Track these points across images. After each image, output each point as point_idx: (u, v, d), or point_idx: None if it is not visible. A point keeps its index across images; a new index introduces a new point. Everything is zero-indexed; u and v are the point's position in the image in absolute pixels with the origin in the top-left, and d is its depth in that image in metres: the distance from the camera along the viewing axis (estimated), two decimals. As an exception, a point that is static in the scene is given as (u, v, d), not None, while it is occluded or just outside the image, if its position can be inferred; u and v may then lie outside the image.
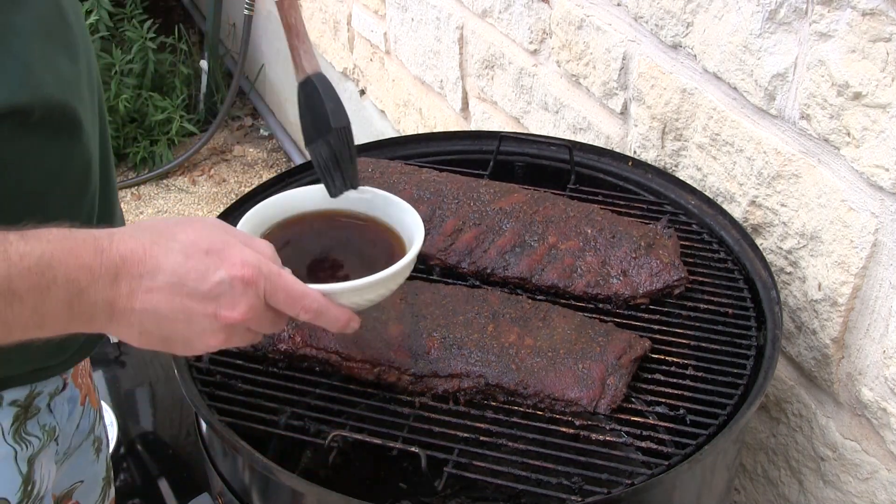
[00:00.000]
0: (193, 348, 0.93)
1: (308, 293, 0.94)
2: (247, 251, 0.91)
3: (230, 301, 0.89)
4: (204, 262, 0.89)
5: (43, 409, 1.17)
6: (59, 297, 0.83)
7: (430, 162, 1.70)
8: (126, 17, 4.03)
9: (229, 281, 0.89)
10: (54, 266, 0.83)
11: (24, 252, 0.82)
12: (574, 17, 1.85)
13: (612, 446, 1.19)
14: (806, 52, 1.34)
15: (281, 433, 1.22)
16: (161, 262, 0.88)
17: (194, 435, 2.09)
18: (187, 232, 0.91)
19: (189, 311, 0.89)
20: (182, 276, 0.88)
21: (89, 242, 0.86)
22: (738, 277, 1.43)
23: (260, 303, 0.91)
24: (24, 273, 0.81)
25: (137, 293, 0.87)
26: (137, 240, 0.88)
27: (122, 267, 0.86)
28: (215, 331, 0.91)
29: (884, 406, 1.35)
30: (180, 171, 3.99)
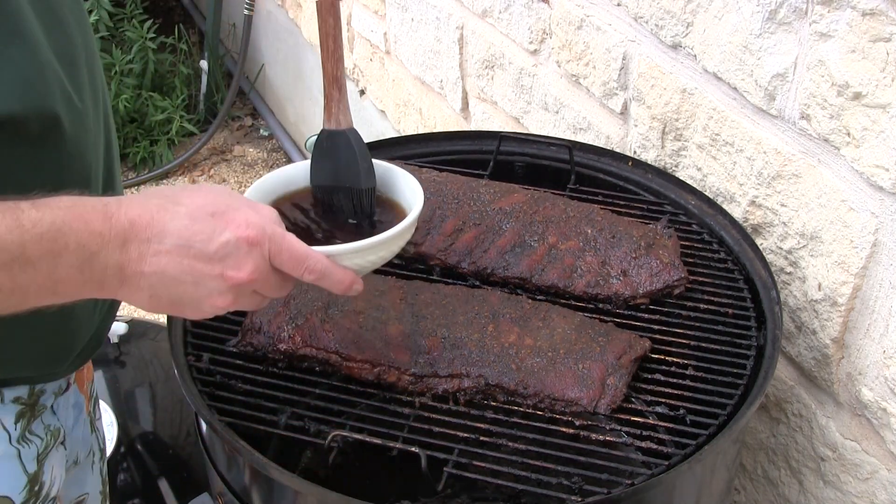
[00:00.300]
0: (202, 310, 0.95)
1: (311, 254, 0.97)
2: (251, 213, 0.94)
3: (236, 261, 0.92)
4: (210, 225, 0.91)
5: (48, 410, 1.17)
6: (71, 262, 0.85)
7: (430, 162, 1.70)
8: (126, 17, 4.03)
9: (235, 242, 0.91)
10: (66, 232, 0.85)
11: (36, 219, 0.84)
12: (574, 17, 1.85)
13: (612, 446, 1.19)
14: (806, 52, 1.34)
15: (281, 433, 1.22)
16: (168, 225, 0.90)
17: (194, 435, 2.09)
18: (193, 197, 0.93)
19: (196, 273, 0.91)
20: (188, 238, 0.90)
21: (98, 209, 0.88)
22: (738, 277, 1.43)
23: (265, 264, 0.94)
24: (37, 239, 0.83)
25: (146, 256, 0.89)
26: (144, 205, 0.90)
27: (130, 231, 0.88)
28: (223, 292, 0.93)
29: (884, 406, 1.35)
30: (180, 171, 3.99)
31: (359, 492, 1.09)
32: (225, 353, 1.32)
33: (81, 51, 1.08)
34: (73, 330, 1.16)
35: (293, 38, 3.70)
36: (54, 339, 1.14)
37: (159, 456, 2.11)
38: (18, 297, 0.86)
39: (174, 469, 2.09)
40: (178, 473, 2.08)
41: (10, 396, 1.12)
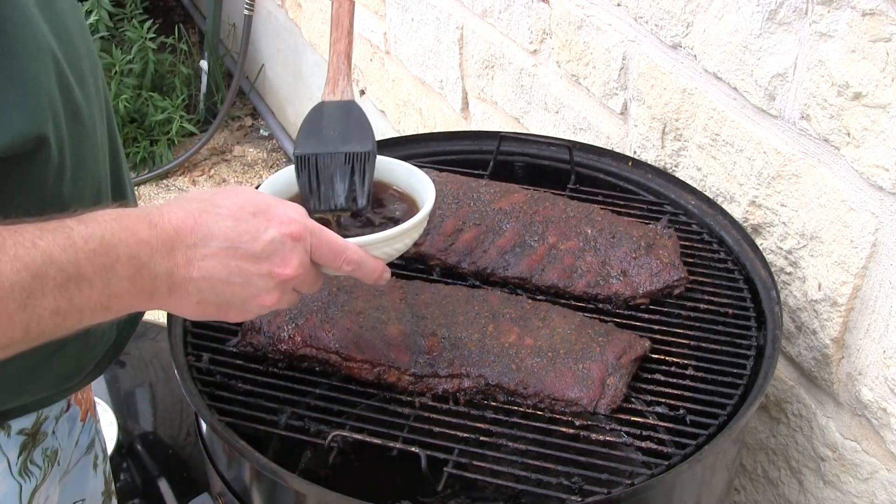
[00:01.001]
0: (248, 311, 0.96)
1: (349, 246, 0.99)
2: (289, 209, 0.96)
3: (282, 258, 0.93)
4: (253, 224, 0.92)
5: (49, 435, 1.17)
6: (123, 274, 0.85)
7: (430, 162, 1.70)
8: (126, 17, 4.03)
9: (280, 238, 0.93)
10: (116, 244, 0.85)
11: (87, 235, 0.83)
12: (574, 17, 1.85)
13: (612, 446, 1.19)
14: (806, 52, 1.34)
15: (281, 433, 1.22)
16: (212, 228, 0.91)
17: (194, 435, 2.09)
18: (231, 198, 0.94)
19: (245, 273, 0.92)
20: (234, 239, 0.91)
21: (142, 218, 0.88)
22: (738, 277, 1.43)
23: (307, 258, 0.96)
24: (91, 255, 0.83)
25: (194, 261, 0.90)
26: (186, 210, 0.91)
27: (175, 238, 0.89)
28: (270, 289, 0.94)
29: (884, 406, 1.35)
30: (180, 171, 3.99)
31: (359, 492, 1.09)
32: (225, 353, 1.32)
33: (87, 61, 1.08)
34: (92, 344, 1.16)
35: (293, 38, 3.70)
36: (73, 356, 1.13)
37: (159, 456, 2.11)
38: (75, 317, 0.85)
39: (174, 469, 2.08)
40: (178, 473, 2.07)
41: (16, 428, 1.12)
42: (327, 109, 1.20)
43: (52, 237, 0.82)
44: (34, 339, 0.83)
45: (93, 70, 1.11)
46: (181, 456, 2.13)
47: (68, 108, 1.01)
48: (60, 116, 0.99)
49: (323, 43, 3.33)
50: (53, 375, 1.12)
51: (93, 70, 1.11)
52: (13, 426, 1.11)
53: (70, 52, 1.03)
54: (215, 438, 1.26)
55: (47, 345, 1.03)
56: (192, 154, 3.96)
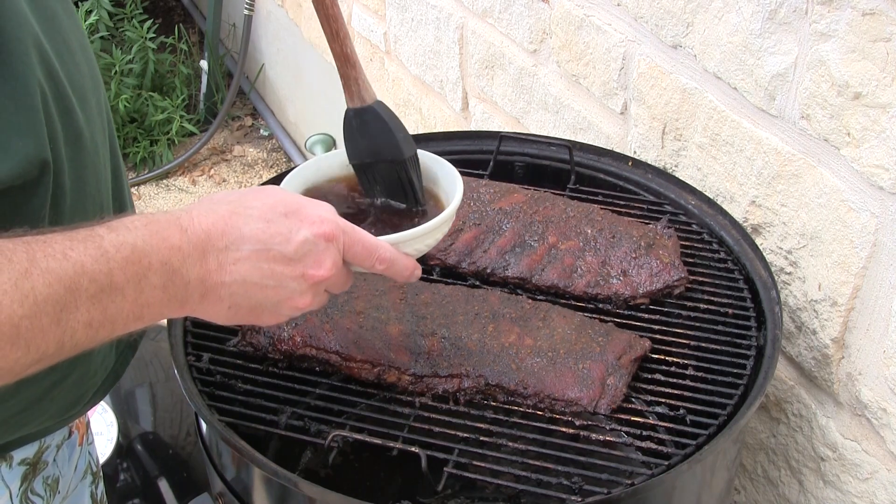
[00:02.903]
0: (280, 314, 0.94)
1: (381, 244, 0.98)
2: (321, 209, 0.94)
3: (315, 259, 0.92)
4: (285, 225, 0.90)
5: (50, 464, 1.16)
6: (155, 282, 0.84)
7: (430, 162, 1.70)
8: (126, 17, 4.03)
9: (313, 239, 0.91)
10: (148, 252, 0.83)
11: (118, 244, 0.82)
12: (574, 17, 1.85)
13: (612, 446, 1.19)
14: (806, 52, 1.34)
15: (281, 433, 1.22)
16: (243, 230, 0.89)
17: (194, 435, 2.09)
18: (260, 198, 0.92)
19: (278, 275, 0.90)
20: (266, 241, 0.89)
21: (173, 223, 0.86)
22: (738, 277, 1.43)
23: (340, 257, 0.95)
24: (123, 264, 0.81)
25: (226, 265, 0.88)
26: (216, 212, 0.89)
27: (207, 241, 0.87)
28: (303, 291, 0.93)
29: (884, 406, 1.35)
30: (180, 171, 3.99)
31: (359, 492, 1.09)
32: (225, 353, 1.32)
33: (89, 81, 1.07)
34: (92, 372, 1.14)
35: (293, 38, 3.70)
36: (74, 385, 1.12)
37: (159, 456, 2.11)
38: (107, 329, 0.83)
39: (174, 469, 2.08)
40: (178, 473, 2.07)
41: (18, 458, 1.10)
42: (356, 117, 1.17)
43: (84, 247, 0.79)
44: (67, 352, 0.81)
45: (95, 90, 1.09)
46: (181, 456, 2.13)
47: (69, 131, 0.99)
48: (60, 140, 0.97)
49: (322, 43, 3.33)
50: (55, 406, 1.11)
51: (95, 90, 1.09)
52: (15, 456, 1.10)
53: (73, 73, 1.01)
54: (215, 438, 1.26)
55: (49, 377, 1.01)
56: (192, 154, 3.96)
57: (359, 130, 1.17)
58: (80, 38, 1.08)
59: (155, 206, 3.79)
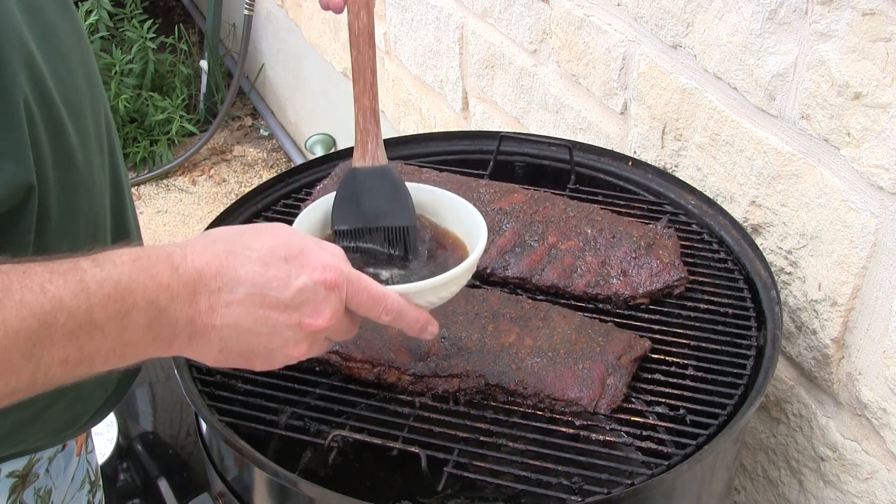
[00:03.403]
0: (274, 361, 0.89)
1: (388, 294, 0.92)
2: (325, 254, 0.88)
3: (314, 308, 0.86)
4: (284, 269, 0.85)
5: (42, 475, 1.13)
6: (139, 321, 0.79)
7: (430, 162, 1.70)
8: (126, 17, 4.03)
9: (312, 286, 0.86)
10: (133, 290, 0.78)
11: (101, 279, 0.77)
12: (574, 17, 1.85)
13: (612, 446, 1.19)
14: (806, 52, 1.34)
15: (281, 433, 1.22)
16: (239, 272, 0.84)
17: (194, 435, 2.09)
18: (262, 238, 0.87)
19: (272, 322, 0.85)
20: (262, 285, 0.84)
21: (163, 259, 0.81)
22: (738, 277, 1.43)
23: (342, 307, 0.89)
24: (105, 301, 0.77)
25: (217, 308, 0.83)
26: (212, 251, 0.84)
27: (199, 281, 0.82)
28: (299, 340, 0.88)
29: (884, 406, 1.35)
30: (180, 171, 3.99)
31: (359, 492, 1.09)
32: (225, 353, 1.32)
33: (88, 100, 1.03)
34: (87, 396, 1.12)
35: (293, 38, 3.70)
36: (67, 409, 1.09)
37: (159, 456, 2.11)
38: (85, 366, 0.78)
39: (174, 469, 2.09)
40: (178, 473, 2.08)
41: (6, 471, 1.07)
42: (360, 176, 1.11)
43: (63, 281, 0.75)
44: (41, 387, 0.77)
45: (94, 109, 1.05)
46: (181, 456, 2.13)
47: (60, 152, 0.95)
48: (48, 162, 0.93)
49: (322, 43, 3.34)
50: (47, 428, 1.08)
51: (94, 109, 1.05)
52: (3, 469, 1.07)
53: (69, 91, 0.98)
54: (215, 438, 1.26)
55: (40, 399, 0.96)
56: (192, 154, 3.96)
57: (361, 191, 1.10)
58: (82, 55, 1.04)
59: (155, 207, 3.79)
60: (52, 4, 1.00)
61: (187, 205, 3.81)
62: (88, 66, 1.06)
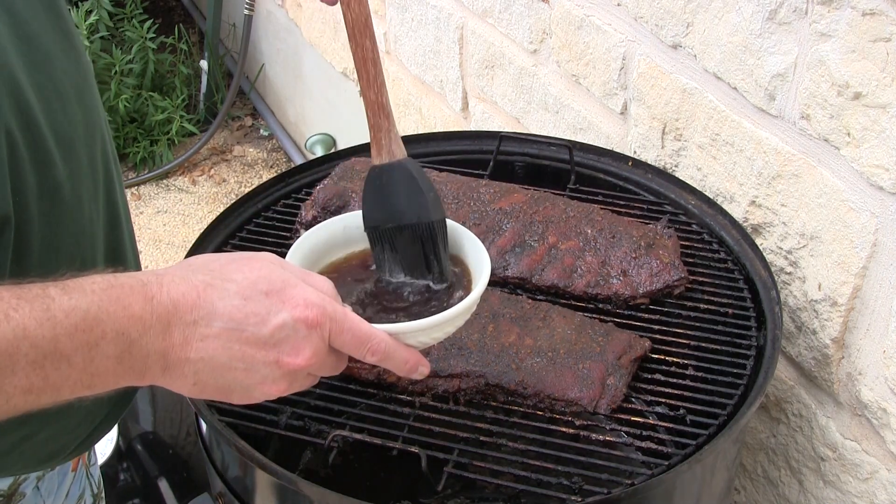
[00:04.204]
0: (252, 396, 0.86)
1: (375, 334, 0.88)
2: (309, 290, 0.85)
3: (293, 346, 0.83)
4: (264, 304, 0.82)
5: (29, 494, 1.11)
6: (108, 352, 0.77)
7: (430, 162, 1.70)
8: (126, 17, 4.03)
9: (292, 324, 0.83)
10: (102, 319, 0.76)
11: (69, 308, 0.75)
12: (574, 17, 1.85)
13: (612, 446, 1.19)
14: (806, 52, 1.34)
15: (281, 433, 1.22)
16: (217, 305, 0.81)
17: (194, 435, 2.09)
18: (244, 271, 0.84)
19: (248, 359, 0.83)
20: (240, 320, 0.81)
21: (137, 290, 0.79)
22: (738, 277, 1.43)
23: (324, 346, 0.85)
24: (71, 331, 0.75)
25: (192, 341, 0.80)
26: (189, 282, 0.81)
27: (174, 313, 0.79)
28: (276, 379, 0.85)
29: (884, 406, 1.35)
30: (180, 171, 3.99)
31: (359, 492, 1.09)
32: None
33: (82, 129, 1.01)
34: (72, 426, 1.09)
35: (293, 38, 3.70)
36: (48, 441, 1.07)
37: (159, 456, 2.11)
38: (50, 395, 0.76)
39: (174, 469, 2.09)
40: (178, 473, 2.08)
41: None
42: (382, 174, 1.06)
43: (30, 308, 0.73)
44: (4, 413, 0.75)
45: (89, 140, 1.02)
46: (181, 456, 2.13)
47: (45, 184, 0.93)
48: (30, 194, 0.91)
49: (322, 43, 3.34)
50: (26, 459, 1.06)
51: (89, 140, 1.02)
52: None
53: (60, 122, 0.96)
54: (215, 438, 1.26)
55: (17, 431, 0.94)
56: (192, 154, 3.96)
57: (384, 189, 1.05)
58: (79, 84, 1.02)
59: (155, 207, 3.79)
60: (50, 33, 0.98)
61: (187, 205, 3.81)
62: (86, 95, 1.03)
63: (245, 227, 1.56)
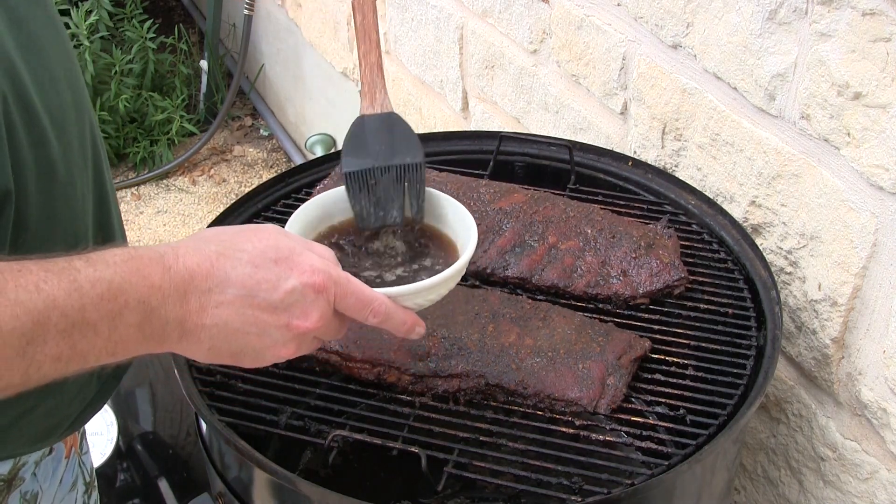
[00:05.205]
0: (263, 360, 0.91)
1: (376, 297, 0.94)
2: (314, 257, 0.90)
3: (302, 310, 0.88)
4: (274, 272, 0.87)
5: (28, 479, 1.13)
6: (130, 321, 0.81)
7: (430, 162, 1.69)
8: (126, 17, 4.03)
9: (301, 289, 0.88)
10: (126, 290, 0.80)
11: (94, 279, 0.79)
12: (574, 17, 1.85)
13: (612, 446, 1.19)
14: (806, 52, 1.34)
15: (281, 433, 1.22)
16: (229, 274, 0.86)
17: (194, 435, 2.09)
18: (253, 241, 0.89)
19: (261, 323, 0.87)
20: (252, 287, 0.86)
21: (155, 260, 0.83)
22: (738, 277, 1.43)
23: (330, 309, 0.91)
24: (97, 301, 0.79)
25: (207, 308, 0.85)
26: (203, 253, 0.86)
27: (189, 282, 0.84)
28: (287, 341, 0.90)
29: (884, 406, 1.35)
30: (180, 171, 3.99)
31: (359, 492, 1.09)
32: (225, 353, 1.32)
33: (72, 112, 1.04)
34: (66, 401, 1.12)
35: (293, 38, 3.70)
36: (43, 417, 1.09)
37: (159, 456, 2.11)
38: (78, 362, 0.80)
39: (174, 469, 2.09)
40: (178, 473, 2.08)
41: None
42: (369, 123, 1.16)
43: (57, 280, 0.77)
44: (34, 382, 0.79)
45: (78, 121, 1.05)
46: (181, 456, 2.13)
47: (41, 162, 0.96)
48: (28, 171, 0.94)
49: (322, 43, 3.34)
50: (25, 436, 1.08)
51: (78, 121, 1.05)
52: None
53: (52, 103, 0.99)
54: (215, 438, 1.26)
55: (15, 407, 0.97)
56: (192, 154, 3.96)
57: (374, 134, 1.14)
58: (68, 67, 1.05)
59: (155, 207, 3.79)
60: (39, 17, 1.00)
61: (187, 205, 3.81)
62: (74, 79, 1.07)
63: (245, 227, 1.55)
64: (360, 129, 1.16)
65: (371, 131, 1.15)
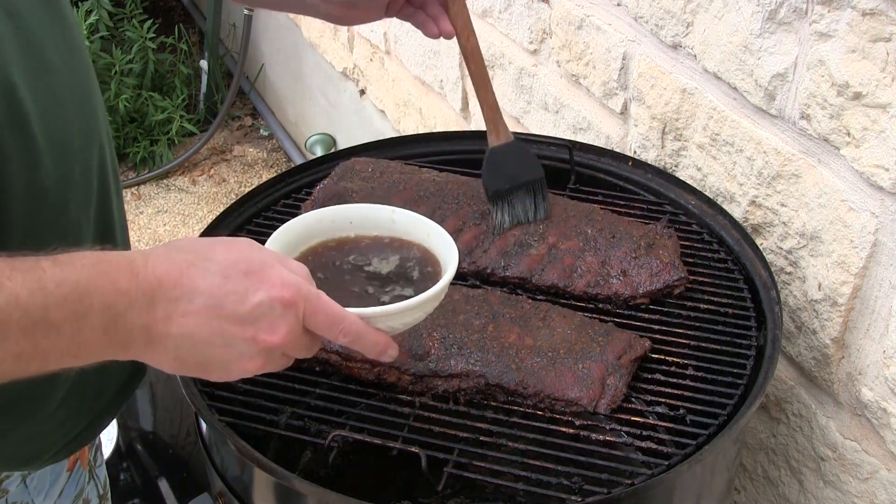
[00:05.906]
0: (230, 373, 0.90)
1: (347, 316, 0.91)
2: (285, 272, 0.89)
3: (269, 324, 0.87)
4: (243, 284, 0.86)
5: (14, 490, 1.12)
6: (95, 324, 0.80)
7: (430, 162, 1.70)
8: (126, 17, 4.03)
9: (269, 302, 0.86)
10: (91, 292, 0.80)
11: (59, 279, 0.78)
12: (574, 17, 1.85)
13: (612, 446, 1.19)
14: (806, 52, 1.34)
15: (281, 433, 1.22)
16: (198, 283, 0.84)
17: (194, 435, 2.09)
18: (225, 253, 0.88)
19: (227, 335, 0.86)
20: (220, 298, 0.85)
21: (124, 266, 0.82)
22: (738, 277, 1.43)
23: (299, 325, 0.89)
24: (61, 302, 0.78)
25: (174, 317, 0.84)
26: (173, 261, 0.85)
27: (157, 289, 0.83)
28: (253, 355, 0.88)
29: (884, 406, 1.35)
30: (180, 171, 3.99)
31: (359, 492, 1.09)
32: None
33: (79, 137, 1.03)
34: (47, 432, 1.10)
35: (293, 38, 3.70)
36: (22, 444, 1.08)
37: (159, 456, 2.11)
38: (38, 362, 0.80)
39: (174, 469, 2.09)
40: (178, 473, 2.08)
41: None
42: (499, 152, 1.45)
43: (22, 278, 0.77)
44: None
45: (86, 147, 1.05)
46: (181, 456, 2.13)
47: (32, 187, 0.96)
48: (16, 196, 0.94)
49: (322, 43, 3.34)
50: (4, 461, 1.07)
51: (86, 147, 1.05)
52: None
53: (55, 129, 0.98)
54: (215, 438, 1.26)
55: None
56: (192, 154, 3.96)
57: (502, 162, 1.45)
58: (81, 96, 1.04)
59: (155, 207, 3.79)
60: (57, 44, 1.00)
61: (187, 205, 3.82)
62: (87, 105, 1.05)
63: (245, 226, 1.56)
64: (493, 158, 1.45)
65: (501, 158, 1.45)
